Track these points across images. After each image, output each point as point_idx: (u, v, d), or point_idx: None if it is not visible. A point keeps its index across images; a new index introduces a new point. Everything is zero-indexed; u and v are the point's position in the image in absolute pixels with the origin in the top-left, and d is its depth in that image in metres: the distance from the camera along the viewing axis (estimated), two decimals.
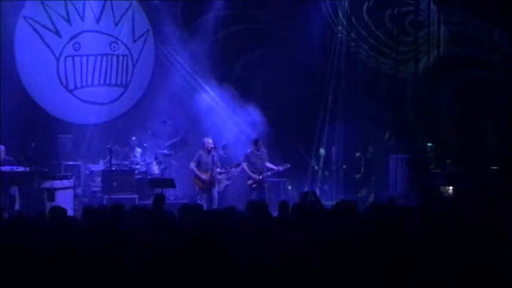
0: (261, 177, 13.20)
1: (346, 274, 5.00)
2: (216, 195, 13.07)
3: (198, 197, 12.94)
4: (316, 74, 16.38)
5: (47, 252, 5.24)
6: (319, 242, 5.80)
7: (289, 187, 15.42)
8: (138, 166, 14.65)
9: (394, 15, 16.30)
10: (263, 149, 13.44)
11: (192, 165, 12.96)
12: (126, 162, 14.71)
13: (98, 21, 15.77)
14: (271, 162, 13.53)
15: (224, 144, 14.64)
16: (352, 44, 16.54)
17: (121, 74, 16.15)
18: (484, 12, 15.65)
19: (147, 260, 5.07)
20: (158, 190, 12.39)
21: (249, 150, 13.39)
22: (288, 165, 13.51)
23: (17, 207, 12.39)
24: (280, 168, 13.44)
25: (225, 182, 14.07)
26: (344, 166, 16.03)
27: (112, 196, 13.45)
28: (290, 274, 4.91)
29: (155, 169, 14.48)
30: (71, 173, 13.78)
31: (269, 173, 13.41)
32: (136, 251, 5.37)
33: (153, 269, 4.94)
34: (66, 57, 15.66)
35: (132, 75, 16.22)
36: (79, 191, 14.28)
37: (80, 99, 15.82)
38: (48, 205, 11.58)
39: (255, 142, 13.39)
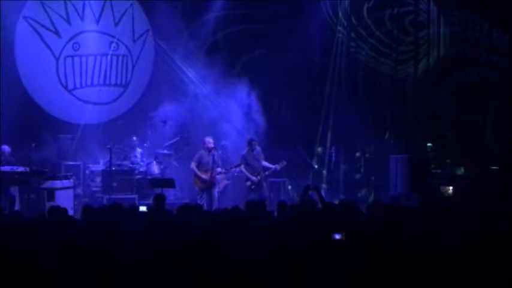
0: (258, 177, 13.17)
1: (346, 274, 5.00)
2: (216, 195, 13.06)
3: (199, 197, 12.93)
4: (316, 74, 16.38)
5: (46, 252, 5.24)
6: (319, 242, 5.80)
7: (289, 187, 15.42)
8: (138, 166, 14.65)
9: (394, 15, 16.30)
10: (258, 148, 13.38)
11: (193, 165, 12.96)
12: (126, 162, 14.71)
13: (97, 21, 15.77)
14: (271, 162, 13.49)
15: (223, 144, 14.64)
16: (352, 44, 16.54)
17: (121, 74, 16.15)
18: (484, 12, 15.65)
19: (147, 259, 5.07)
20: (158, 190, 12.39)
21: (244, 152, 13.33)
22: (285, 162, 13.39)
23: (17, 207, 12.39)
24: (277, 166, 13.35)
25: (225, 182, 14.08)
26: (344, 166, 16.02)
27: (112, 196, 13.45)
28: (290, 274, 4.90)
29: (155, 169, 14.48)
30: (71, 173, 13.79)
31: (266, 173, 13.36)
32: (135, 250, 5.37)
33: (152, 269, 4.94)
34: (65, 57, 15.65)
35: (131, 75, 16.22)
36: (79, 191, 14.28)
37: (79, 99, 15.81)
38: (48, 205, 11.57)
39: (249, 142, 13.34)
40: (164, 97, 15.40)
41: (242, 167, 13.18)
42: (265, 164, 13.36)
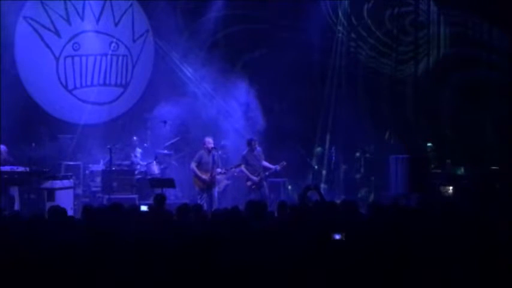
0: (259, 177, 13.17)
1: (346, 274, 4.99)
2: (216, 195, 13.06)
3: (199, 197, 12.93)
4: (316, 74, 16.38)
5: (46, 252, 5.23)
6: (319, 242, 5.80)
7: (289, 187, 15.42)
8: (138, 166, 14.65)
9: (394, 15, 16.30)
10: (258, 148, 13.37)
11: (193, 165, 12.95)
12: (126, 162, 14.70)
13: (97, 21, 15.76)
14: (271, 162, 13.49)
15: (223, 144, 14.64)
16: (352, 44, 16.54)
17: (120, 74, 16.15)
18: (484, 12, 15.65)
19: (146, 260, 5.06)
20: (158, 190, 12.38)
21: (244, 152, 13.33)
22: (285, 163, 13.38)
23: (17, 207, 12.38)
24: (277, 167, 13.33)
25: (225, 182, 14.07)
26: (344, 166, 16.02)
27: (112, 196, 13.45)
28: (290, 275, 4.90)
29: (155, 169, 14.47)
30: (71, 173, 13.78)
31: (267, 173, 13.35)
32: (134, 250, 5.36)
33: (151, 269, 4.94)
34: (65, 57, 15.65)
35: (131, 75, 16.21)
36: (79, 191, 14.27)
37: (79, 99, 15.81)
38: (48, 205, 11.57)
39: (249, 142, 13.33)
40: (164, 97, 15.38)
41: (243, 167, 13.18)
42: (266, 164, 13.35)
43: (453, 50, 16.15)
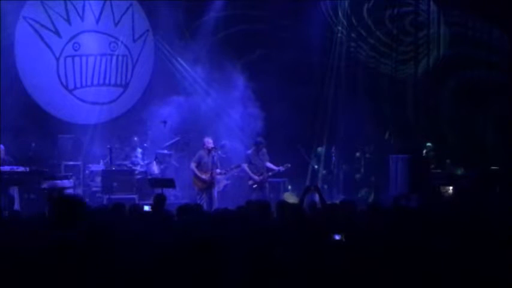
0: (261, 177, 13.19)
1: (346, 275, 4.99)
2: (216, 195, 13.07)
3: (198, 197, 12.93)
4: (316, 74, 16.39)
5: (46, 252, 5.23)
6: (319, 242, 5.80)
7: (289, 187, 15.42)
8: (138, 166, 14.65)
9: (394, 15, 16.31)
10: (264, 150, 13.42)
11: (193, 165, 12.96)
12: (126, 162, 14.71)
13: (97, 21, 15.78)
14: (271, 162, 13.51)
15: (222, 144, 14.64)
16: (352, 44, 16.55)
17: (121, 74, 16.16)
18: (484, 13, 15.65)
19: (145, 260, 5.06)
20: (158, 190, 12.39)
21: (250, 151, 13.37)
22: (289, 165, 13.46)
23: (16, 207, 12.38)
24: (281, 168, 13.37)
25: (224, 182, 14.08)
26: (344, 166, 16.02)
27: (112, 196, 13.46)
28: (289, 275, 4.90)
29: (155, 169, 14.48)
30: (71, 173, 13.79)
31: (270, 174, 13.38)
32: (134, 251, 5.37)
33: (151, 269, 4.94)
34: (66, 57, 15.66)
35: (131, 75, 16.23)
36: (79, 191, 14.28)
37: (79, 99, 15.82)
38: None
39: (257, 143, 13.35)
40: (164, 97, 15.38)
41: (245, 166, 13.20)
42: (270, 165, 13.38)
43: (453, 50, 16.14)
